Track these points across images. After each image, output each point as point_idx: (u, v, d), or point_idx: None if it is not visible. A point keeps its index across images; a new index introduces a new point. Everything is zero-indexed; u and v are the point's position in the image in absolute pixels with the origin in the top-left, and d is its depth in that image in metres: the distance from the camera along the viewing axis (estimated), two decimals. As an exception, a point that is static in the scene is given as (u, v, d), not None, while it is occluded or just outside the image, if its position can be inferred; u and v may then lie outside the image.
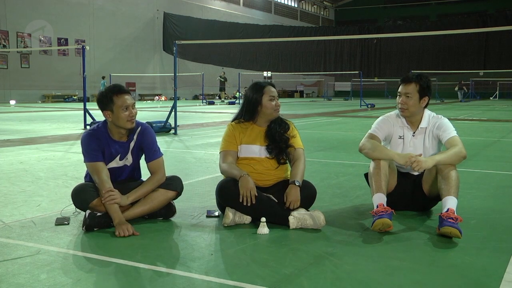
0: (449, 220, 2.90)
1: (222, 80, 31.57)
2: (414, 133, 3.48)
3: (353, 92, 37.68)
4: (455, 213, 2.97)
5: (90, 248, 2.73)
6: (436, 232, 2.99)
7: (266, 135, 3.42)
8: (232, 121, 3.52)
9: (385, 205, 3.08)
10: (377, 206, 3.07)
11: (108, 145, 3.22)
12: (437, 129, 3.43)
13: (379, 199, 3.13)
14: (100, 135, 3.22)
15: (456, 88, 36.05)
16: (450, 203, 3.04)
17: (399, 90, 3.46)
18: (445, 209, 3.00)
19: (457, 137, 3.36)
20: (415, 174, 3.50)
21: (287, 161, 3.47)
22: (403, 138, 3.49)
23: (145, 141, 3.30)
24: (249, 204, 3.08)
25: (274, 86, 3.48)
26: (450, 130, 3.39)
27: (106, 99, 3.17)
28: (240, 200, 3.08)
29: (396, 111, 3.54)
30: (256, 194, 3.10)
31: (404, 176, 3.51)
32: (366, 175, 3.53)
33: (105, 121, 3.27)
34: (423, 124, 3.47)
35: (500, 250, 2.73)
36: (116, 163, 3.28)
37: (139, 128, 3.31)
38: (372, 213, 3.04)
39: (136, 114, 3.22)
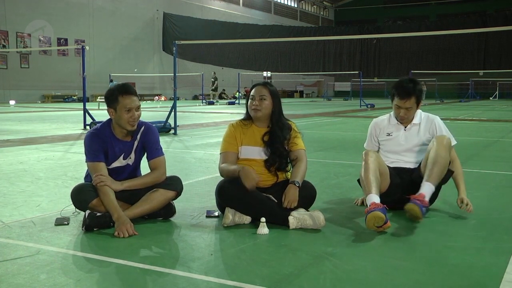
0: (415, 200, 3.09)
1: (213, 80, 31.42)
2: (405, 127, 3.63)
3: (353, 92, 37.69)
4: (425, 198, 3.14)
5: (90, 248, 2.72)
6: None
7: (266, 144, 3.37)
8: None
9: (377, 202, 3.10)
10: (369, 205, 3.08)
11: (111, 145, 3.23)
12: (432, 126, 3.60)
13: (371, 198, 3.15)
14: (104, 135, 3.23)
15: (424, 88, 36.21)
16: (425, 189, 3.21)
17: (397, 103, 3.55)
18: (417, 193, 3.18)
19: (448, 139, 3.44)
20: (411, 168, 3.59)
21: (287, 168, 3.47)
22: (391, 135, 3.66)
23: (148, 139, 3.31)
24: (255, 186, 3.08)
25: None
26: (443, 131, 3.59)
27: (112, 97, 3.19)
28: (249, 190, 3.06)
29: (389, 115, 3.73)
30: (262, 180, 3.13)
31: (401, 172, 3.52)
32: (359, 181, 3.59)
33: (109, 119, 3.28)
34: (415, 121, 3.64)
35: (500, 250, 2.72)
36: (119, 162, 3.29)
37: (142, 127, 3.33)
38: (365, 212, 3.05)
39: (139, 117, 3.23)
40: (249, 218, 3.17)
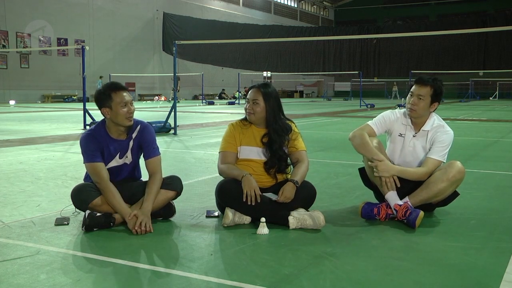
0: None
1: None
2: (415, 133, 3.48)
3: (353, 92, 37.70)
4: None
5: (89, 248, 2.72)
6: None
7: (265, 145, 3.36)
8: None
9: (399, 203, 3.23)
10: (399, 210, 3.18)
11: (107, 144, 3.22)
12: (434, 140, 3.41)
13: (394, 199, 3.25)
14: (98, 135, 3.22)
15: (395, 88, 36.81)
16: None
17: (412, 89, 3.44)
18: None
19: (436, 162, 3.34)
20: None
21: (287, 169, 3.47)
22: (403, 137, 3.50)
23: (144, 138, 3.31)
24: (253, 204, 3.07)
25: None
26: (439, 151, 3.36)
27: (104, 96, 3.17)
28: (244, 200, 3.07)
29: (405, 110, 3.53)
30: (260, 193, 3.10)
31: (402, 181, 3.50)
32: (360, 170, 3.61)
33: (103, 120, 3.27)
34: (426, 127, 3.45)
35: (500, 250, 2.73)
36: (116, 162, 3.28)
37: (138, 126, 3.32)
38: (400, 218, 3.17)
39: (134, 111, 3.23)
40: (249, 218, 3.17)
